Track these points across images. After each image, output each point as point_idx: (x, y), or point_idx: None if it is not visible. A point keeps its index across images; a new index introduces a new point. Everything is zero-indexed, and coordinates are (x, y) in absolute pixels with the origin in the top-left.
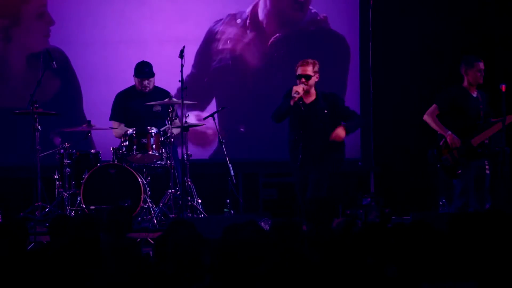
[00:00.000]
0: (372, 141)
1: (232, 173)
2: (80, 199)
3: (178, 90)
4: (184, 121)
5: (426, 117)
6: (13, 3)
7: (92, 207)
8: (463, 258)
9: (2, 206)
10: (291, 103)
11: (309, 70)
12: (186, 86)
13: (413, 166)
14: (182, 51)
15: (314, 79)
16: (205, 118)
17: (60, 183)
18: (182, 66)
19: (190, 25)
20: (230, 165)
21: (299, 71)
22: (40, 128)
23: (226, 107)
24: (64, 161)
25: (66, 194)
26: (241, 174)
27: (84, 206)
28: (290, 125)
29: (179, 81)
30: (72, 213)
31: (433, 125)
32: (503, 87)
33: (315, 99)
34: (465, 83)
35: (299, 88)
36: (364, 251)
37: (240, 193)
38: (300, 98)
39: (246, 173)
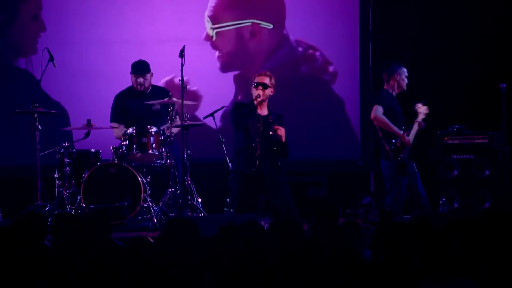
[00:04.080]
0: (372, 140)
1: None
2: (80, 198)
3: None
4: (184, 120)
5: (379, 117)
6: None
7: (92, 206)
8: (463, 257)
9: (2, 205)
10: (255, 102)
11: (266, 80)
12: (186, 86)
13: None
14: (182, 51)
15: (269, 91)
16: (205, 117)
17: (60, 182)
18: (182, 65)
19: (190, 25)
20: (230, 164)
21: (256, 80)
22: (40, 127)
23: (226, 106)
24: (64, 160)
25: (66, 193)
26: None
27: (84, 205)
28: (244, 134)
29: (179, 80)
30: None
31: (388, 124)
32: (504, 87)
33: (268, 113)
34: (392, 87)
35: (259, 92)
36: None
37: None
38: (256, 107)
39: None
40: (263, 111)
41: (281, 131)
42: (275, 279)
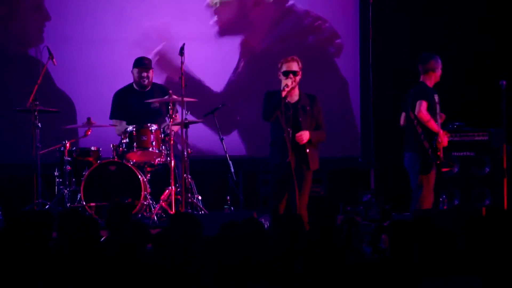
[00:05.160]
0: (372, 138)
1: (232, 170)
2: (80, 196)
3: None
4: (184, 118)
5: (424, 113)
6: None
7: (92, 204)
8: (466, 255)
9: (3, 204)
10: (283, 94)
11: (295, 66)
12: (186, 84)
13: None
14: (182, 48)
15: (299, 77)
16: (205, 115)
17: (60, 180)
18: (182, 63)
19: (190, 23)
20: (230, 162)
21: (285, 67)
22: (40, 126)
23: (226, 104)
24: (64, 158)
25: (66, 191)
26: (241, 171)
27: (84, 203)
28: (275, 124)
29: (179, 78)
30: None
31: (430, 122)
32: (504, 84)
33: (299, 98)
34: (429, 79)
35: (288, 81)
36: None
37: (240, 190)
38: (285, 97)
39: (246, 170)
40: (294, 97)
41: (304, 137)
42: (274, 276)
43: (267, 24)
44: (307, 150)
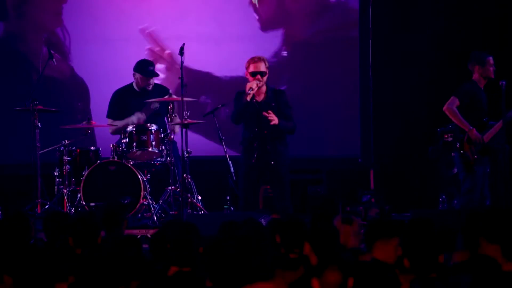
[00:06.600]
0: (372, 138)
1: (232, 170)
2: (80, 196)
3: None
4: (184, 118)
5: (448, 109)
6: None
7: (92, 204)
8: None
9: (2, 203)
10: (248, 99)
11: (262, 66)
12: (186, 83)
13: (412, 163)
14: (182, 48)
15: (266, 77)
16: (205, 115)
17: (60, 180)
18: (182, 63)
19: (191, 22)
20: (230, 162)
21: (252, 68)
22: (40, 125)
23: (226, 104)
24: (64, 158)
25: (66, 191)
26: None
27: (84, 203)
28: (244, 124)
29: (179, 78)
30: (72, 210)
31: (455, 117)
32: (503, 85)
33: (266, 96)
34: (478, 79)
35: (253, 85)
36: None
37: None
38: (253, 96)
39: None
40: (261, 96)
41: (272, 118)
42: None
43: (304, 19)
44: (282, 151)
